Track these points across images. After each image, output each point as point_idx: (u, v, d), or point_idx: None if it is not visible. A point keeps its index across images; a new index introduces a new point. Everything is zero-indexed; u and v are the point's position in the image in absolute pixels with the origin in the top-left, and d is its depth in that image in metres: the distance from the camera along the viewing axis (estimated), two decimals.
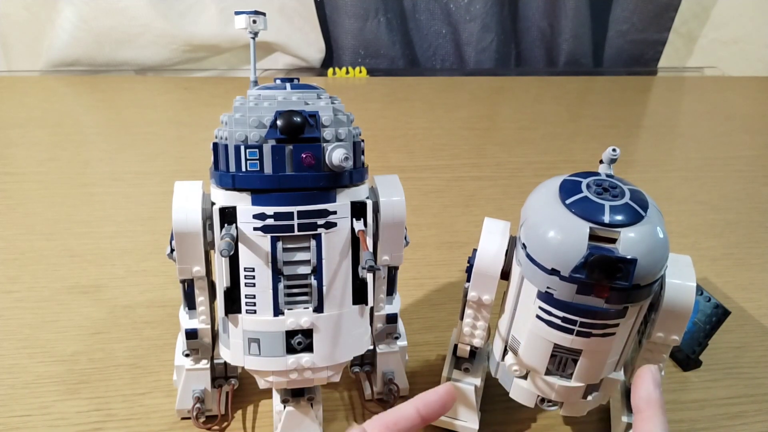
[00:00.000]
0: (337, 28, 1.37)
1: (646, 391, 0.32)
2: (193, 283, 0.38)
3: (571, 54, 1.47)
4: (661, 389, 0.33)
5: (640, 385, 0.33)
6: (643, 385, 0.33)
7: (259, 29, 0.38)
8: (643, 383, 0.33)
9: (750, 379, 0.50)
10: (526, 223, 0.35)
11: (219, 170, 0.35)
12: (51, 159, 0.86)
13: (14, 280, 0.59)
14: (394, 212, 0.38)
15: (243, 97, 0.36)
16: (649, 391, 0.32)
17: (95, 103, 1.14)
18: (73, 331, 0.52)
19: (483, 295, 0.38)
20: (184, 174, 0.82)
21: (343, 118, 0.35)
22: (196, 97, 1.18)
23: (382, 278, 0.41)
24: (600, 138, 1.05)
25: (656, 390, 0.32)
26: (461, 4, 1.38)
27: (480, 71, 1.44)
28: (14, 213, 0.71)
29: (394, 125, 1.06)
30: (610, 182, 0.34)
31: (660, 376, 0.33)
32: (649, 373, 0.33)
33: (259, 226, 0.34)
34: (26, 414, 0.43)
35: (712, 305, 0.49)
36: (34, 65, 1.31)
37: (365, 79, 1.34)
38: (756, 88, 1.44)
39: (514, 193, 0.82)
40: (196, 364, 0.41)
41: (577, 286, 0.32)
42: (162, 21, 1.27)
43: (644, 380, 0.33)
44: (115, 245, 0.65)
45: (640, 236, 0.31)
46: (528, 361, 0.37)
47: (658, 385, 0.33)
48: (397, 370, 0.45)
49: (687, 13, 1.52)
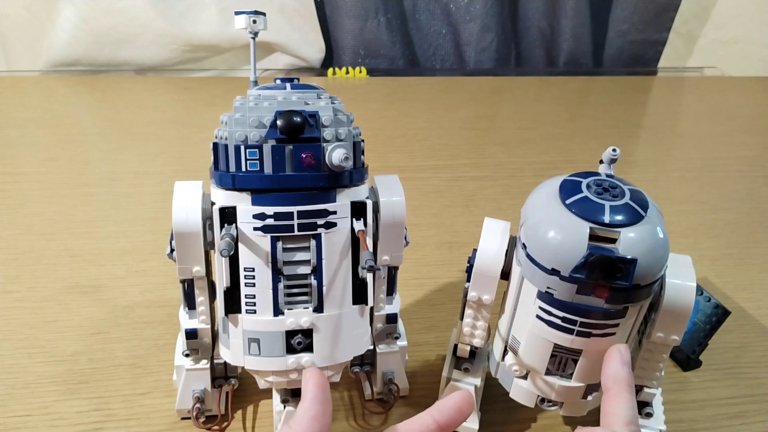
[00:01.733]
0: (337, 28, 1.37)
1: (613, 369, 0.33)
2: (193, 283, 0.38)
3: (571, 54, 1.47)
4: (630, 368, 0.33)
5: (608, 364, 0.33)
6: (611, 364, 0.33)
7: (259, 29, 0.38)
8: (610, 362, 0.33)
9: (750, 379, 0.50)
10: (526, 223, 0.35)
11: (219, 170, 0.35)
12: (51, 159, 0.86)
13: (14, 280, 0.59)
14: (394, 212, 0.38)
15: (243, 97, 0.36)
16: (617, 370, 0.32)
17: (95, 103, 1.14)
18: (73, 331, 0.52)
19: (483, 295, 0.38)
20: (184, 174, 0.82)
21: (343, 118, 0.35)
22: (196, 97, 1.18)
23: (382, 278, 0.41)
24: (600, 138, 1.05)
25: (624, 369, 0.33)
26: (461, 4, 1.38)
27: (480, 71, 1.44)
28: (14, 213, 0.71)
29: (394, 125, 1.06)
30: (610, 182, 0.34)
31: (628, 355, 0.33)
32: (617, 352, 0.33)
33: (259, 226, 0.34)
34: (26, 414, 0.43)
35: (712, 305, 0.49)
36: (34, 65, 1.31)
37: (365, 79, 1.34)
38: (756, 88, 1.44)
39: (514, 193, 0.82)
40: (196, 364, 0.41)
41: (577, 286, 0.32)
42: (162, 21, 1.27)
43: (612, 359, 0.33)
44: (115, 245, 0.65)
45: (640, 236, 0.31)
46: (528, 361, 0.37)
47: (626, 364, 0.33)
48: (397, 370, 0.45)
49: (687, 13, 1.52)
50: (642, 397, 0.40)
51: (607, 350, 0.34)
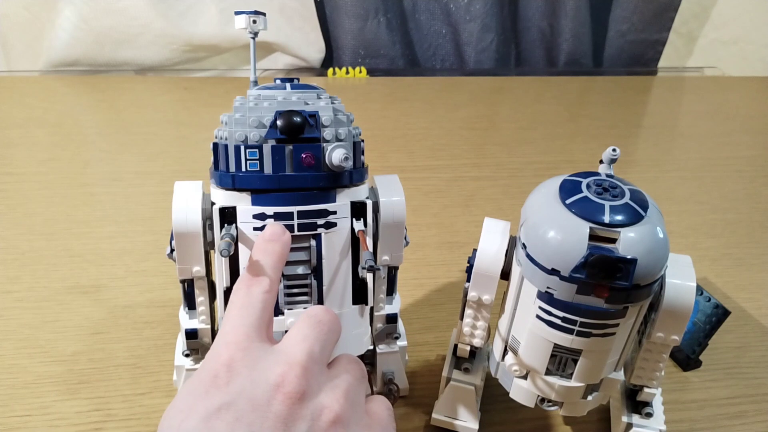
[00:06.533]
0: (337, 28, 1.37)
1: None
2: (193, 283, 0.38)
3: (571, 54, 1.47)
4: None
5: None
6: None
7: (259, 29, 0.38)
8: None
9: (750, 379, 0.50)
10: (526, 223, 0.35)
11: (219, 170, 0.35)
12: (51, 159, 0.86)
13: (14, 280, 0.59)
14: (394, 212, 0.38)
15: (243, 97, 0.36)
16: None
17: (95, 103, 1.14)
18: (73, 331, 0.52)
19: (483, 295, 0.38)
20: (184, 174, 0.82)
21: (343, 118, 0.35)
22: (196, 97, 1.17)
23: (382, 278, 0.41)
24: (600, 138, 1.05)
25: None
26: (461, 4, 1.38)
27: (480, 71, 1.44)
28: (14, 213, 0.71)
29: (394, 125, 1.06)
30: (610, 182, 0.34)
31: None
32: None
33: (259, 226, 0.34)
34: (26, 414, 0.43)
35: (712, 305, 0.49)
36: (34, 65, 1.30)
37: (365, 79, 1.34)
38: (756, 88, 1.44)
39: (514, 193, 0.82)
40: (196, 364, 0.41)
41: (577, 286, 0.32)
42: (162, 21, 1.27)
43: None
44: (115, 245, 0.65)
45: (640, 236, 0.31)
46: (528, 361, 0.37)
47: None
48: (397, 370, 0.45)
49: (687, 13, 1.51)
50: (642, 397, 0.40)
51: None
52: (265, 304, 0.30)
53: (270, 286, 0.31)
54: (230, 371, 0.27)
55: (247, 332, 0.29)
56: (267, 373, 0.27)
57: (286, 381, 0.27)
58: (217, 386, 0.27)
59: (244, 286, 0.31)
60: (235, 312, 0.30)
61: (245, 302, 0.30)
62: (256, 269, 0.31)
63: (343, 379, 0.30)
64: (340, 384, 0.29)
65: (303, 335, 0.29)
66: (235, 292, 0.31)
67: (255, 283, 0.31)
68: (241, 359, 0.27)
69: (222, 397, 0.26)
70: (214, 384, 0.27)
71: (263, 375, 0.27)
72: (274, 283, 0.31)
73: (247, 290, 0.30)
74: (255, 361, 0.28)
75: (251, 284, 0.31)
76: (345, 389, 0.29)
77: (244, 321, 0.29)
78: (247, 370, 0.27)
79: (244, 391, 0.26)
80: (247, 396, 0.26)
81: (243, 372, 0.27)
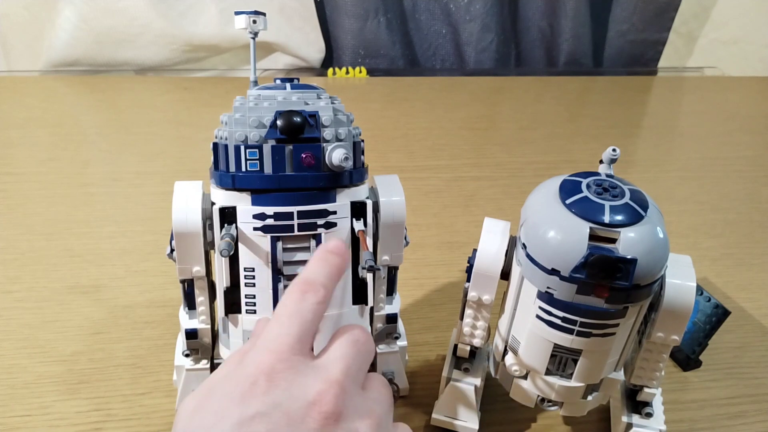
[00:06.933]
0: (337, 28, 1.37)
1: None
2: (193, 283, 0.38)
3: (571, 54, 1.47)
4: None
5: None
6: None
7: (259, 29, 0.38)
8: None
9: (750, 379, 0.50)
10: (526, 223, 0.35)
11: (219, 170, 0.35)
12: (51, 159, 0.86)
13: (14, 280, 0.59)
14: (394, 212, 0.38)
15: (243, 97, 0.36)
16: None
17: (95, 103, 1.14)
18: (73, 331, 0.52)
19: (483, 295, 0.38)
20: (184, 174, 0.82)
21: (343, 118, 0.35)
22: (196, 97, 1.17)
23: (382, 278, 0.41)
24: (600, 138, 1.05)
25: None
26: (461, 4, 1.38)
27: (480, 71, 1.44)
28: (14, 213, 0.71)
29: (394, 125, 1.06)
30: (610, 182, 0.34)
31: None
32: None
33: (259, 226, 0.34)
34: (26, 414, 0.43)
35: (712, 305, 0.49)
36: (34, 65, 1.30)
37: (365, 79, 1.34)
38: (756, 88, 1.44)
39: (514, 193, 0.82)
40: (196, 364, 0.41)
41: (577, 286, 0.32)
42: (162, 21, 1.27)
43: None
44: (115, 245, 0.65)
45: (640, 236, 0.31)
46: (528, 361, 0.37)
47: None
48: (397, 370, 0.45)
49: (687, 13, 1.51)
50: (642, 397, 0.40)
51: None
52: (315, 315, 0.29)
53: (324, 297, 0.30)
54: (270, 381, 0.27)
55: (291, 343, 0.28)
56: (305, 389, 0.27)
57: (324, 400, 0.27)
58: (254, 394, 0.26)
59: (299, 291, 0.30)
60: (285, 318, 0.29)
61: (297, 309, 0.29)
62: (314, 276, 0.30)
63: (376, 405, 0.29)
64: (374, 409, 0.29)
65: (342, 353, 0.29)
66: (288, 295, 0.30)
67: (311, 291, 0.30)
68: (282, 371, 0.27)
69: (258, 406, 0.26)
70: (251, 391, 0.26)
71: (301, 390, 0.27)
72: (328, 295, 0.30)
73: (302, 296, 0.30)
74: (295, 375, 0.27)
75: (307, 290, 0.30)
76: (378, 416, 0.29)
77: (291, 330, 0.28)
78: (286, 383, 0.27)
79: (281, 404, 0.26)
80: (284, 410, 0.26)
81: (282, 384, 0.27)
